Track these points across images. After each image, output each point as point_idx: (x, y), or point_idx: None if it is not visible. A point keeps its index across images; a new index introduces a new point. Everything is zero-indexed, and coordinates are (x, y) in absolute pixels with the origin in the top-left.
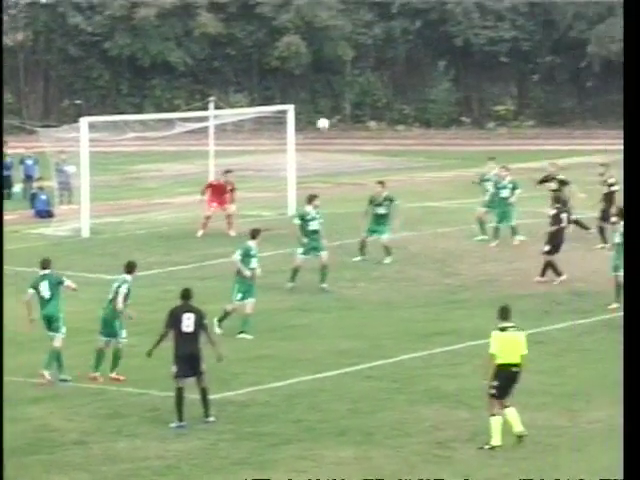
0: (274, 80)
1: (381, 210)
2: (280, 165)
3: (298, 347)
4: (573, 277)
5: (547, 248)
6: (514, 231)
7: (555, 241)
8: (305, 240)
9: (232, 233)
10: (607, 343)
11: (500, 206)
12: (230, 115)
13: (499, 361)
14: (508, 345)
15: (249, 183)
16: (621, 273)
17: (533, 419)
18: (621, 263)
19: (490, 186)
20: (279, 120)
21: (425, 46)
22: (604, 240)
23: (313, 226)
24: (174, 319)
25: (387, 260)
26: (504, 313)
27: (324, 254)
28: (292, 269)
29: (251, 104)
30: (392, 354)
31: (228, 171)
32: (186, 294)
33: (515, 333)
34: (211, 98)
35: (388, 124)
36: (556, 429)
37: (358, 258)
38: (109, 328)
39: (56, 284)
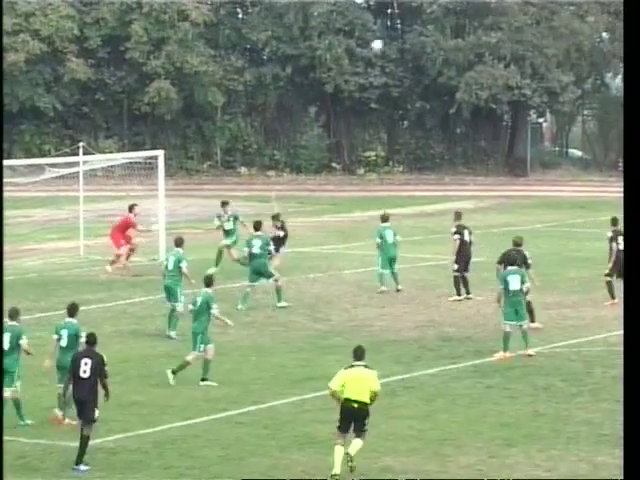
0: (144, 125)
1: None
2: (151, 211)
3: (169, 393)
4: (443, 322)
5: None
6: (394, 277)
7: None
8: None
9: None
10: (477, 388)
11: (388, 252)
12: (100, 160)
13: (344, 396)
14: (353, 382)
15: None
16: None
17: (404, 464)
18: (512, 311)
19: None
20: (149, 165)
21: (296, 92)
22: (465, 290)
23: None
24: (74, 364)
25: (283, 304)
26: (358, 353)
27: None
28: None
29: (121, 149)
30: (263, 400)
31: (134, 205)
32: (90, 339)
33: (363, 370)
34: (81, 143)
35: (259, 170)
36: (426, 474)
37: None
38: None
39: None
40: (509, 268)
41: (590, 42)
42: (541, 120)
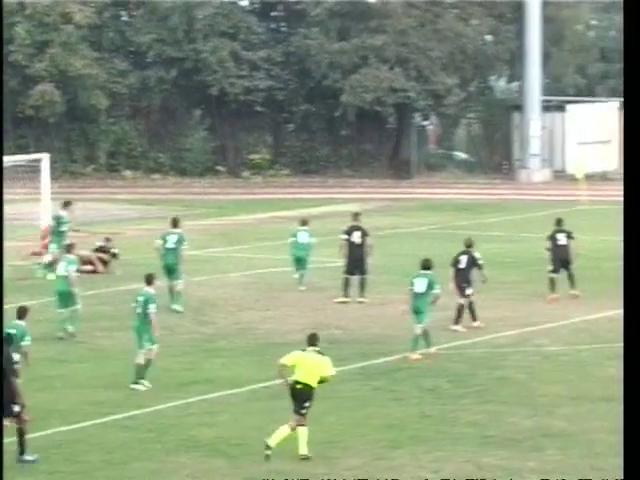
0: (28, 128)
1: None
2: (35, 214)
3: (54, 397)
4: (330, 325)
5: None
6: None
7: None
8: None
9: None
10: (363, 390)
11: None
12: None
13: (293, 378)
14: (301, 364)
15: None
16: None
17: (291, 467)
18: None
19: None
20: (34, 169)
21: (180, 95)
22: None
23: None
24: None
25: (179, 307)
26: (312, 339)
27: None
28: None
29: (5, 153)
30: (148, 403)
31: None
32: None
33: (313, 355)
34: None
35: (144, 173)
36: (314, 477)
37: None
38: None
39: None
40: (419, 272)
41: (474, 45)
42: (426, 123)
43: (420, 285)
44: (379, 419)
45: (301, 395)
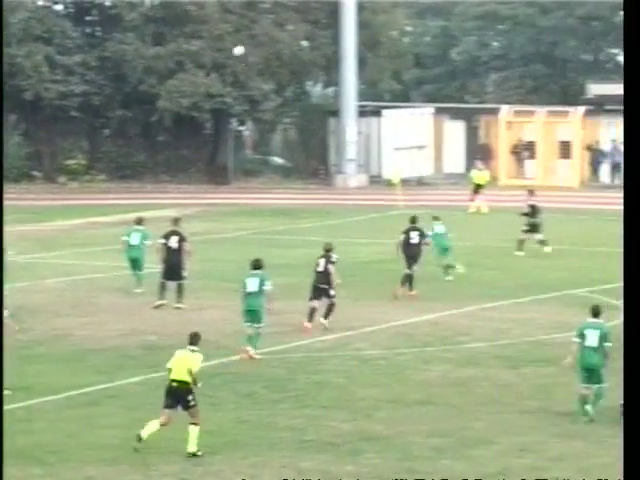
0: None
1: None
2: None
3: None
4: (145, 330)
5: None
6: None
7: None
8: None
9: None
10: None
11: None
12: None
13: (170, 376)
14: (176, 363)
15: None
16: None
17: (107, 473)
18: (246, 312)
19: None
20: None
21: None
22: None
23: None
24: None
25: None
26: (191, 338)
27: None
28: None
29: None
30: None
31: None
32: None
33: (186, 353)
34: None
35: None
36: None
37: None
38: None
39: None
40: (250, 272)
41: (290, 50)
42: (243, 128)
43: (252, 284)
44: None
45: (177, 392)
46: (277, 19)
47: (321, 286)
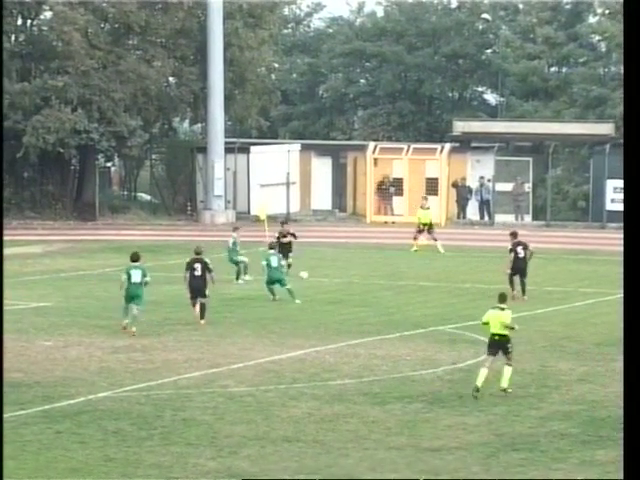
0: None
1: None
2: None
3: None
4: (11, 368)
5: None
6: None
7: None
8: None
9: None
10: (46, 434)
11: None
12: None
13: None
14: (491, 319)
15: None
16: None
17: None
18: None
19: None
20: None
21: None
22: None
23: None
24: None
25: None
26: (501, 297)
27: None
28: None
29: None
30: None
31: None
32: None
33: (496, 311)
34: None
35: None
36: None
37: None
38: None
39: None
40: (131, 264)
41: (157, 87)
42: (109, 164)
43: (136, 276)
44: (63, 463)
45: (499, 343)
46: (144, 55)
47: (201, 289)
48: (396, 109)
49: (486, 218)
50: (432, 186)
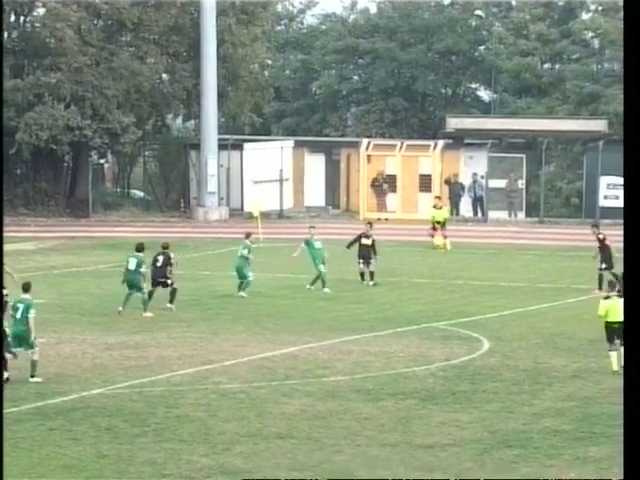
0: None
1: None
2: None
3: None
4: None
5: None
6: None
7: None
8: None
9: None
10: (39, 431)
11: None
12: None
13: (608, 319)
14: (610, 309)
15: None
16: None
17: None
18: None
19: None
20: None
21: None
22: None
23: None
24: None
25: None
26: (613, 282)
27: None
28: None
29: None
30: None
31: None
32: None
33: (613, 300)
34: None
35: None
36: None
37: None
38: None
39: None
40: (133, 253)
41: (150, 83)
42: (102, 161)
43: (132, 264)
44: (56, 460)
45: (618, 330)
46: (137, 52)
47: (159, 280)
48: (389, 106)
49: (479, 215)
50: (425, 183)
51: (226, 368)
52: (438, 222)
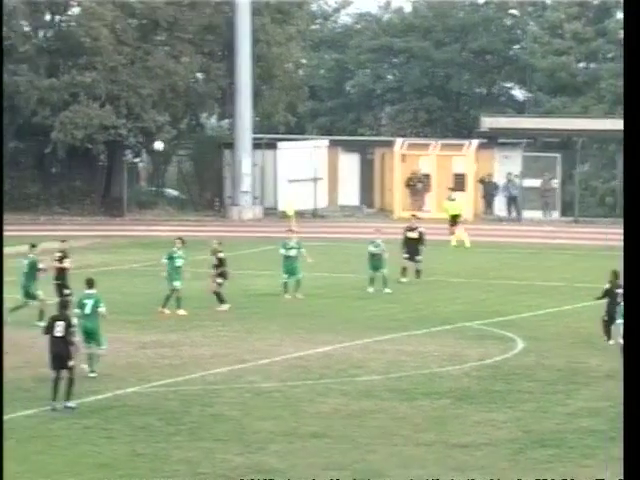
0: None
1: None
2: None
3: None
4: (39, 363)
5: None
6: None
7: None
8: None
9: None
10: (74, 429)
11: None
12: None
13: None
14: None
15: None
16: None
17: None
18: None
19: None
20: None
21: None
22: None
23: None
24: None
25: None
26: None
27: None
28: None
29: None
30: None
31: None
32: None
33: None
34: None
35: None
36: None
37: None
38: None
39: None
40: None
41: (185, 82)
42: (137, 160)
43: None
44: (91, 458)
45: None
46: (172, 51)
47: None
48: (424, 105)
49: (514, 214)
50: (459, 182)
51: (260, 367)
52: (454, 216)
